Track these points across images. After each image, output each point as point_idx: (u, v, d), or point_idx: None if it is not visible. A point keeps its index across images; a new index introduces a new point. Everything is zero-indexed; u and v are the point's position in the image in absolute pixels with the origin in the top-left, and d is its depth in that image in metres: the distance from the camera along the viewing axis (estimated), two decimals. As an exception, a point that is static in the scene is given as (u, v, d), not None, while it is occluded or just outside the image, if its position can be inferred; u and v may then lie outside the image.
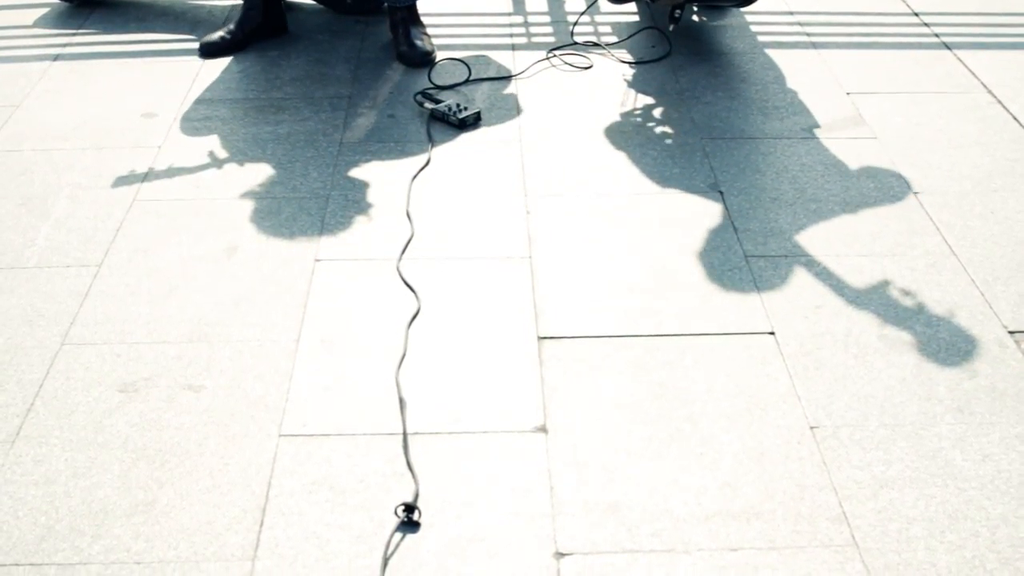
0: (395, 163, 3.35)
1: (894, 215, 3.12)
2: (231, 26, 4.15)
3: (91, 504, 2.16)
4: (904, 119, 3.66)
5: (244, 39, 4.12)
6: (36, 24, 4.39)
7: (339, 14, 4.39)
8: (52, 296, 2.77)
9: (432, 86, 3.80)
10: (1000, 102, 3.78)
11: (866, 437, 2.33)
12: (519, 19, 4.42)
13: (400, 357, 2.54)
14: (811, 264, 2.88)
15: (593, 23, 4.34)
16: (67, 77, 3.94)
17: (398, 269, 2.85)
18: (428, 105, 3.62)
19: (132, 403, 2.41)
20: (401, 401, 2.40)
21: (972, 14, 4.57)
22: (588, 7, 4.42)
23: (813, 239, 2.99)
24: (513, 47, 4.15)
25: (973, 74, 3.99)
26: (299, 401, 2.41)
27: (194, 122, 3.61)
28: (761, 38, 4.26)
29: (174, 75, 3.94)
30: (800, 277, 2.84)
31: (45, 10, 4.49)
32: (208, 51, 4.07)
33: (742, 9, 4.35)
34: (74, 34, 4.28)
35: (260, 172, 3.31)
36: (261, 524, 2.11)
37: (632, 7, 4.47)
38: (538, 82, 3.88)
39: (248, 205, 3.14)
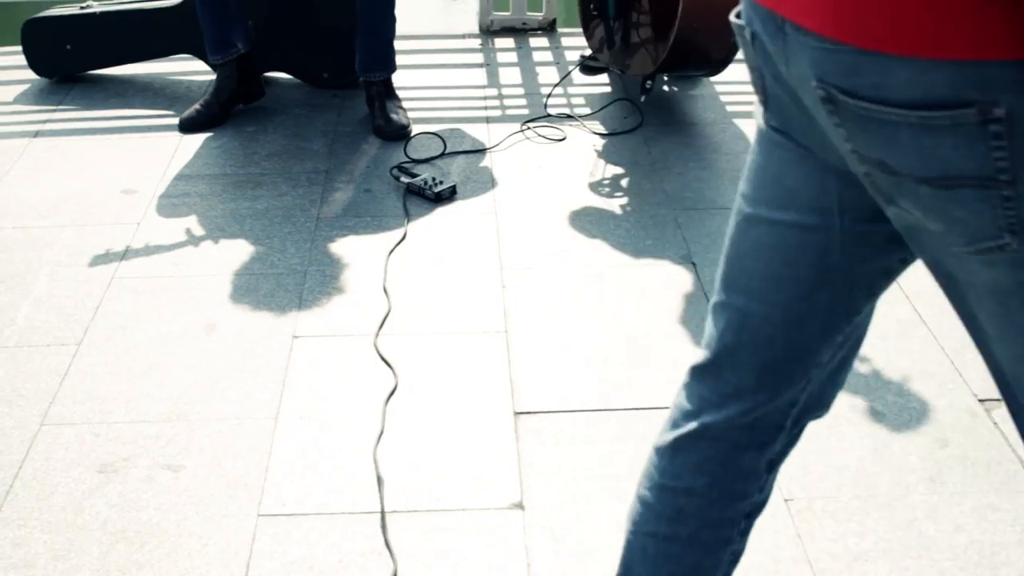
0: (372, 238, 3.39)
1: (864, 284, 3.16)
2: (207, 97, 4.19)
3: (71, 588, 2.17)
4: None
5: (221, 109, 4.16)
6: (16, 100, 4.43)
7: (316, 88, 4.44)
8: (32, 375, 2.79)
9: (408, 160, 3.85)
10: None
11: (840, 509, 2.36)
12: (493, 92, 4.49)
13: (378, 434, 2.57)
14: (783, 334, 2.92)
15: (566, 95, 4.41)
16: (47, 153, 3.98)
17: (375, 345, 2.89)
18: (404, 179, 3.67)
19: (111, 484, 2.43)
20: (379, 479, 2.42)
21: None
22: (561, 79, 4.50)
23: (785, 309, 3.03)
24: (488, 120, 4.21)
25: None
26: (278, 480, 2.43)
27: (173, 198, 3.65)
28: (731, 108, 4.32)
29: (153, 151, 3.98)
30: (772, 348, 2.87)
31: (26, 86, 4.53)
32: (187, 126, 4.12)
33: (712, 79, 4.42)
34: (54, 110, 4.32)
35: (238, 248, 3.34)
36: (241, 606, 2.13)
37: (604, 78, 4.53)
38: (512, 155, 3.94)
39: (226, 282, 3.17)
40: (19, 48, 4.59)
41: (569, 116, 4.21)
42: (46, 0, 5.06)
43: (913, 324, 2.99)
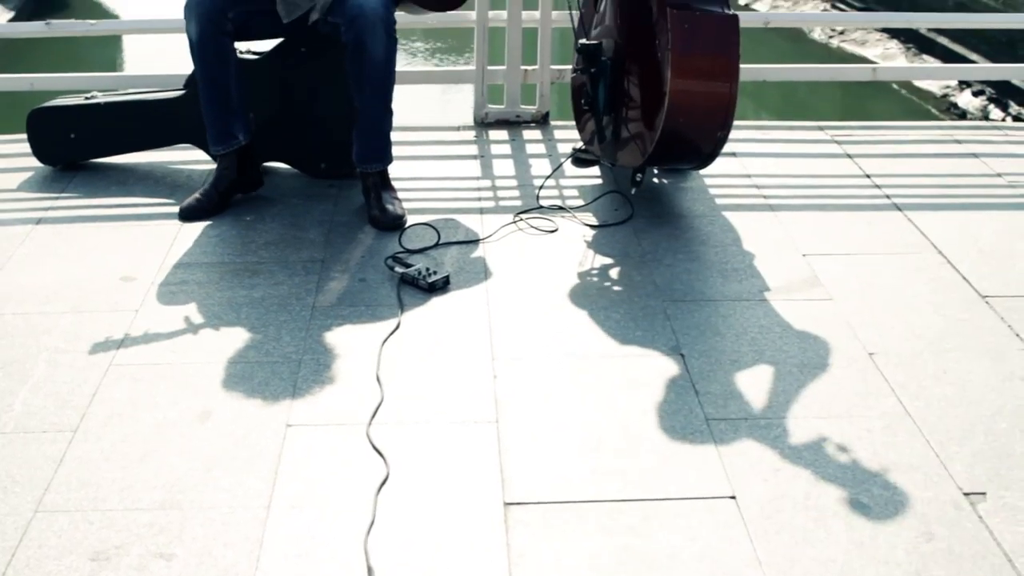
0: (366, 327, 3.45)
1: (850, 376, 3.22)
2: (206, 187, 4.27)
3: (65, 675, 2.20)
4: (858, 280, 3.79)
5: (220, 198, 4.24)
6: (20, 188, 4.51)
7: (313, 178, 4.53)
8: (27, 462, 2.83)
9: (402, 250, 3.92)
10: (950, 262, 3.93)
11: (823, 601, 2.40)
12: (487, 183, 4.58)
13: (369, 524, 2.60)
14: (770, 427, 2.97)
15: (558, 186, 4.50)
16: (49, 241, 4.05)
17: (368, 434, 2.93)
18: (398, 269, 3.74)
19: (103, 572, 2.46)
20: (369, 570, 2.46)
21: (922, 176, 4.75)
22: (553, 171, 4.59)
23: (772, 402, 3.09)
24: (481, 211, 4.29)
25: (924, 235, 4.14)
26: (269, 570, 2.47)
27: (171, 286, 3.71)
28: (720, 200, 4.41)
29: (153, 238, 4.05)
30: (759, 440, 2.93)
31: (29, 174, 4.61)
32: (187, 215, 4.19)
33: (701, 172, 4.51)
34: (57, 198, 4.40)
35: (234, 336, 3.40)
36: None
37: (596, 171, 4.62)
38: (505, 245, 4.01)
39: (222, 370, 3.22)
40: (24, 136, 4.68)
41: (561, 208, 4.29)
42: (52, 90, 5.15)
43: (898, 417, 3.04)
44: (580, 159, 4.64)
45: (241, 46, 4.33)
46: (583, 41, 4.26)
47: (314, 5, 4.20)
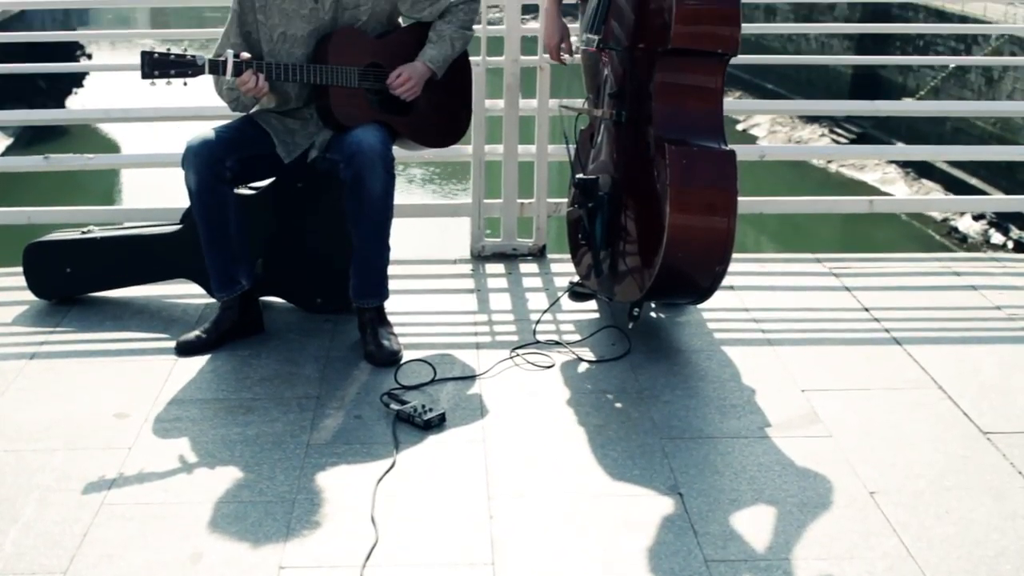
0: (361, 466, 3.41)
1: (850, 516, 3.18)
2: (207, 325, 4.27)
3: None
4: (858, 416, 3.76)
5: (219, 338, 4.24)
6: (14, 322, 4.50)
7: (309, 313, 4.52)
8: (15, 607, 2.78)
9: (398, 387, 3.90)
10: (950, 397, 3.90)
11: None
12: (483, 317, 4.57)
13: (362, 671, 2.55)
14: (771, 568, 2.93)
15: (555, 321, 4.49)
16: (42, 376, 4.03)
17: (362, 577, 2.88)
18: (394, 406, 3.72)
19: None
20: None
21: (920, 309, 4.75)
22: (550, 306, 4.59)
23: (772, 542, 3.04)
24: (477, 346, 4.28)
25: (923, 369, 4.12)
26: None
27: (165, 423, 3.68)
28: (718, 335, 4.40)
29: (148, 374, 4.03)
30: (759, 582, 2.88)
31: (24, 308, 4.61)
32: (184, 350, 4.18)
33: (699, 306, 4.50)
34: (51, 332, 4.39)
35: (228, 475, 3.36)
36: None
37: (593, 304, 4.62)
38: (502, 381, 3.99)
39: (215, 510, 3.18)
40: (20, 270, 4.69)
41: (558, 343, 4.28)
42: (49, 224, 5.18)
43: (900, 558, 2.99)
44: (577, 293, 4.65)
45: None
46: (580, 176, 4.29)
47: (313, 143, 4.24)
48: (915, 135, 28.63)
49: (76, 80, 32.59)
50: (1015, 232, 24.63)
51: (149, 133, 14.07)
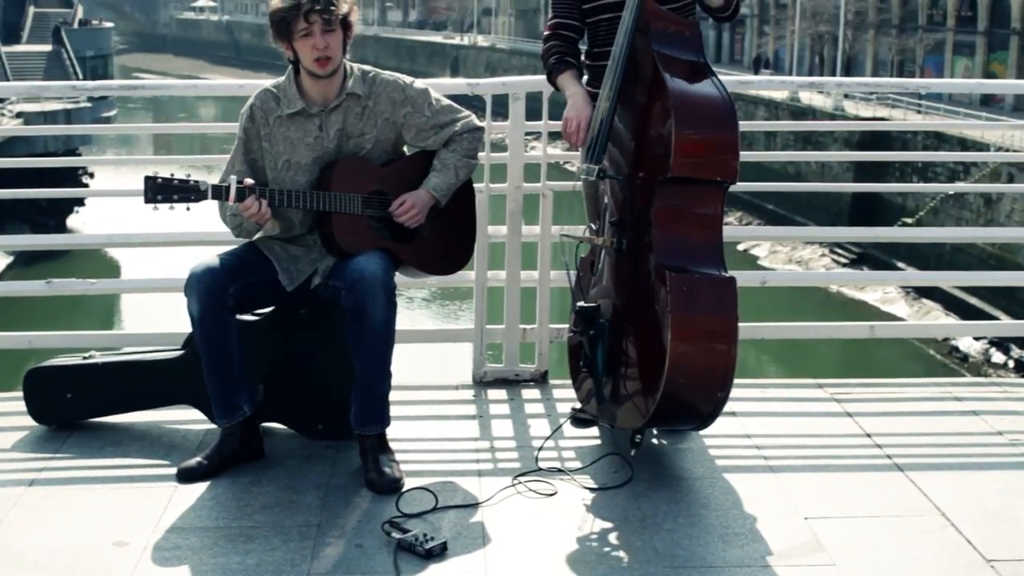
0: (361, 596, 3.38)
1: (857, 648, 3.15)
2: (209, 451, 4.26)
3: None
4: (861, 544, 3.74)
5: (221, 464, 4.22)
6: (14, 448, 4.49)
7: (310, 439, 4.51)
8: None
9: (400, 515, 3.87)
10: (953, 524, 3.88)
11: None
12: (485, 444, 4.56)
13: None
14: None
15: (557, 447, 4.48)
16: (42, 503, 4.01)
17: None
18: (395, 535, 3.69)
19: None
20: None
21: (922, 435, 4.74)
22: (552, 432, 4.58)
23: (777, 675, 3.01)
24: (479, 473, 4.26)
25: (926, 496, 4.10)
26: None
27: (164, 552, 3.65)
28: (720, 462, 4.39)
29: (148, 501, 4.01)
30: None
31: (24, 433, 4.60)
32: (185, 477, 4.17)
33: (700, 432, 4.49)
34: (51, 458, 4.38)
35: (227, 605, 3.33)
36: None
37: (594, 431, 4.62)
38: (504, 509, 3.97)
39: (213, 641, 3.15)
40: (20, 395, 4.69)
41: (560, 470, 4.27)
42: (51, 348, 5.19)
43: None
44: (579, 419, 4.64)
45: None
46: (581, 303, 4.32)
47: (316, 270, 4.28)
48: (915, 255, 28.87)
49: (78, 199, 32.89)
50: (1016, 351, 24.70)
51: (151, 255, 14.17)
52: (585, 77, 4.61)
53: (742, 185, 4.24)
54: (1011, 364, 24.59)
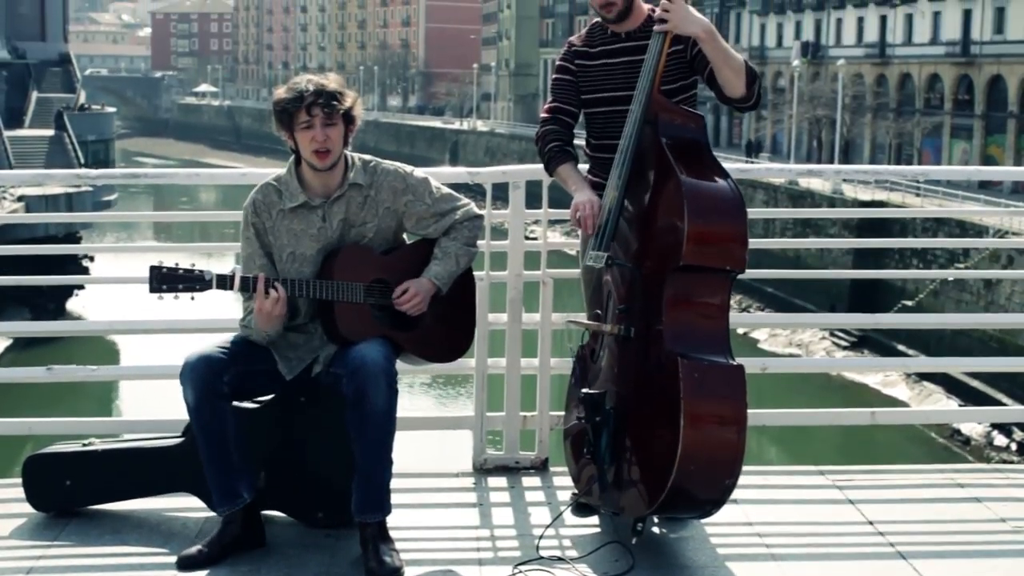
0: None
1: None
2: (209, 539, 4.23)
3: None
4: (866, 636, 3.71)
5: (221, 552, 4.20)
6: (12, 535, 4.47)
7: (310, 527, 4.49)
8: None
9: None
10: (959, 615, 3.85)
11: None
12: (486, 532, 4.54)
13: None
14: None
15: (558, 535, 4.45)
16: (38, 593, 3.98)
17: None
18: (395, 627, 3.66)
19: None
20: None
21: (925, 522, 4.71)
22: (553, 520, 4.55)
23: None
24: (480, 562, 4.24)
25: (931, 586, 4.07)
26: None
27: (162, 642, 3.62)
28: (722, 550, 4.36)
29: (144, 591, 3.98)
30: None
31: (22, 520, 4.57)
32: (185, 565, 4.14)
33: (701, 520, 4.47)
34: (49, 546, 4.35)
35: None
36: None
37: (595, 519, 4.59)
38: (505, 599, 3.94)
39: None
40: (19, 481, 4.67)
41: (560, 559, 4.24)
42: (50, 435, 5.18)
43: None
44: (581, 506, 4.61)
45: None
46: (587, 390, 4.31)
47: (316, 357, 4.28)
48: (916, 337, 28.90)
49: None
50: (1018, 434, 24.63)
51: (150, 340, 14.16)
52: (584, 166, 4.66)
53: (747, 272, 4.26)
54: (1013, 447, 24.52)
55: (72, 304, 35.01)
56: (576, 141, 4.66)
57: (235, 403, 4.29)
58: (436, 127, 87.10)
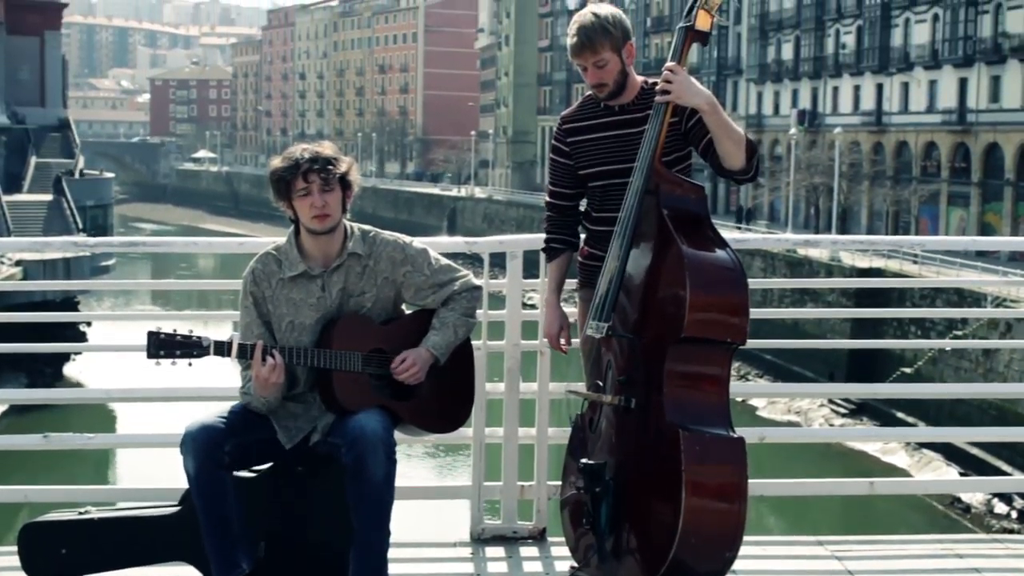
0: None
1: None
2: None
3: None
4: None
5: None
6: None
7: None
8: None
9: None
10: None
11: None
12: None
13: None
14: None
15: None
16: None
17: None
18: None
19: None
20: None
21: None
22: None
23: None
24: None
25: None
26: None
27: None
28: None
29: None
30: None
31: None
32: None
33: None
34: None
35: None
36: None
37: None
38: None
39: None
40: (14, 549, 4.63)
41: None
42: (47, 503, 5.15)
43: None
44: (578, 577, 4.58)
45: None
46: (586, 461, 4.29)
47: (315, 427, 4.27)
48: (915, 404, 28.84)
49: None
50: (1019, 502, 24.51)
51: (148, 407, 14.12)
52: (583, 236, 4.69)
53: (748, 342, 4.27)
54: (1014, 515, 24.38)
55: (69, 369, 34.93)
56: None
57: (235, 473, 4.28)
58: (434, 194, 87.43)
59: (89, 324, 36.67)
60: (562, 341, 4.70)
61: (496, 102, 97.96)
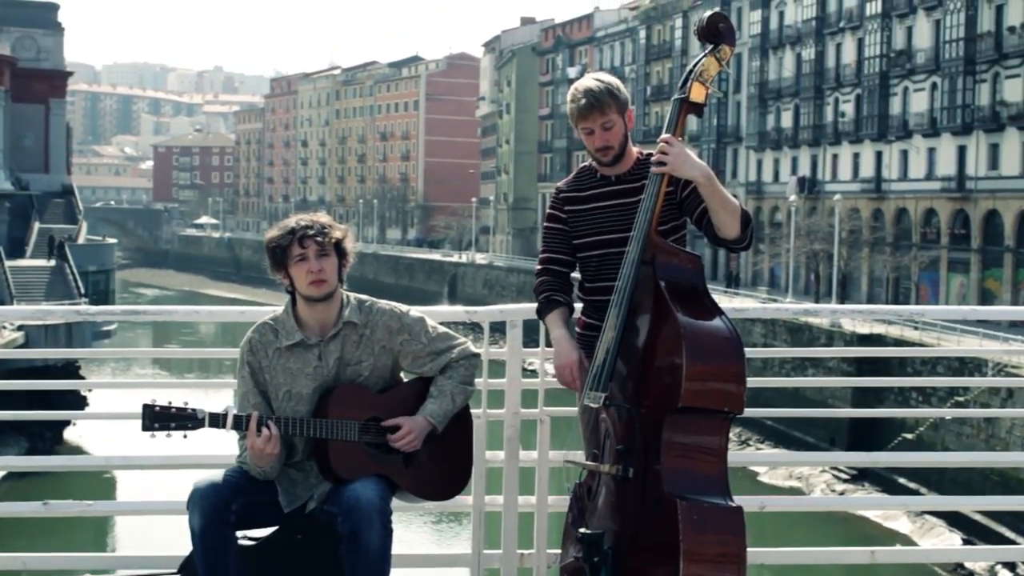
0: None
1: None
2: None
3: None
4: None
5: None
6: None
7: None
8: None
9: None
10: None
11: None
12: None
13: None
14: None
15: None
16: None
17: None
18: None
19: None
20: None
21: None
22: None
23: None
24: None
25: None
26: None
27: None
28: None
29: None
30: None
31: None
32: None
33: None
34: None
35: None
36: None
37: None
38: None
39: None
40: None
41: None
42: (45, 570, 5.13)
43: None
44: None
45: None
46: (585, 531, 4.28)
47: (312, 495, 4.27)
48: (917, 471, 28.71)
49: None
50: (1022, 568, 24.34)
51: (147, 474, 14.08)
52: (579, 305, 4.70)
53: (746, 411, 4.27)
54: (1016, 579, 24.21)
55: (70, 433, 34.81)
56: (574, 275, 4.72)
57: (236, 537, 4.27)
58: (435, 260, 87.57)
59: (89, 390, 36.65)
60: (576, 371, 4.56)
61: (497, 169, 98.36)
